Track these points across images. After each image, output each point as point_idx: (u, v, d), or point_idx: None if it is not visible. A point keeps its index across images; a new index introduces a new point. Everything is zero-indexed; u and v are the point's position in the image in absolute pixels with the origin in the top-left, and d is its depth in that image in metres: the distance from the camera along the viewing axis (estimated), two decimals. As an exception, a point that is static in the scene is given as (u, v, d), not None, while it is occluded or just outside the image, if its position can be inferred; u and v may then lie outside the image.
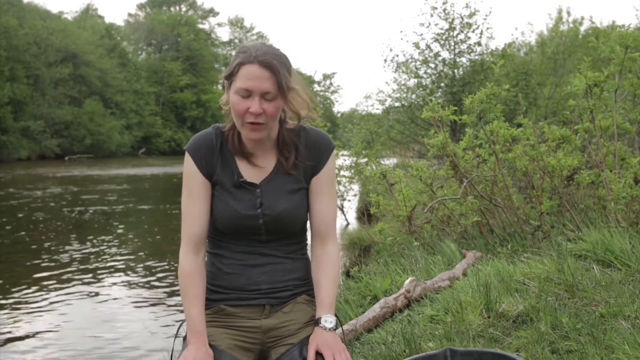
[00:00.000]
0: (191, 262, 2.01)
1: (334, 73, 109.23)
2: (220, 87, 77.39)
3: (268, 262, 2.05)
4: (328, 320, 1.97)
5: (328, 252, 2.10)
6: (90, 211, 14.75)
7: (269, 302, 2.04)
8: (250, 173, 2.05)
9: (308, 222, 2.14)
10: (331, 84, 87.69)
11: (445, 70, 16.48)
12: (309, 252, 2.17)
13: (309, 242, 2.17)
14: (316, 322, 1.99)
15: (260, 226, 2.02)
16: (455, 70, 16.46)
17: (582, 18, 25.85)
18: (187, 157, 2.03)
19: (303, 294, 2.11)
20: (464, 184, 5.26)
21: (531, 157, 5.26)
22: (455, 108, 5.50)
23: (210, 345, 1.94)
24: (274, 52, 1.92)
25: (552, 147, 5.42)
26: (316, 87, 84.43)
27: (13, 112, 42.11)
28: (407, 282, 3.66)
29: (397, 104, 17.07)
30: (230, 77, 1.92)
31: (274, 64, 1.88)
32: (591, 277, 3.36)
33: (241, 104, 1.90)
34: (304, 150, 2.06)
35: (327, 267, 2.08)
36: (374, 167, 6.86)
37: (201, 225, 2.03)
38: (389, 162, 12.83)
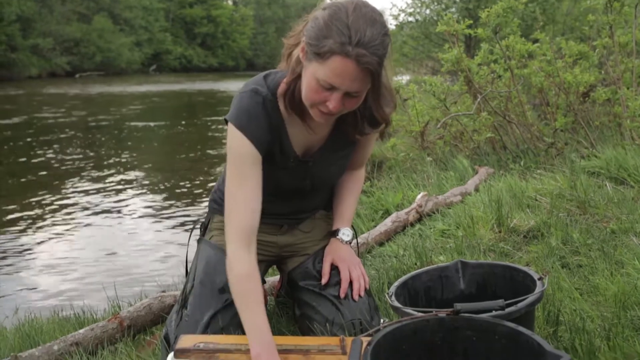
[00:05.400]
0: (245, 261, 1.65)
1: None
2: (231, 2, 76.09)
3: (295, 198, 2.00)
4: (346, 233, 1.99)
5: (356, 173, 2.10)
6: (103, 129, 14.79)
7: (288, 223, 2.05)
8: (303, 141, 1.81)
9: None
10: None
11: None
12: None
13: None
14: (333, 233, 2.01)
15: (304, 189, 1.94)
16: (472, -16, 15.96)
17: None
18: (238, 135, 1.67)
19: (321, 209, 2.12)
20: (478, 99, 5.20)
21: (547, 73, 5.16)
22: (471, 22, 5.38)
23: (220, 249, 1.90)
24: (378, 38, 1.47)
25: (569, 63, 5.31)
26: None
27: (21, 30, 41.60)
28: (419, 197, 3.68)
29: (410, 19, 16.69)
30: (314, 54, 1.51)
31: (375, 64, 1.48)
32: (603, 194, 3.36)
33: (318, 95, 1.56)
34: (369, 120, 1.77)
35: (353, 184, 2.09)
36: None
37: (256, 218, 1.69)
38: (402, 78, 12.65)
